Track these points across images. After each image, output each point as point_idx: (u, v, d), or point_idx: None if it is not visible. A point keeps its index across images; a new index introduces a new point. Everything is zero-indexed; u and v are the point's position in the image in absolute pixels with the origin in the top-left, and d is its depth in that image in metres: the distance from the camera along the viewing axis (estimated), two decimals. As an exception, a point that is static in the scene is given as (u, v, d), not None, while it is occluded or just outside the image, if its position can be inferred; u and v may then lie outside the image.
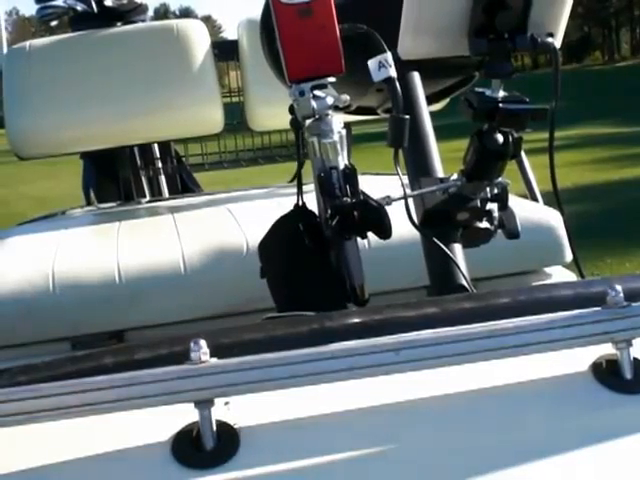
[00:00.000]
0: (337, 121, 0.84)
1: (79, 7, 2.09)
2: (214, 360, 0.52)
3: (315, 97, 0.82)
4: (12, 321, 1.28)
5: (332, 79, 0.83)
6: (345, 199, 0.81)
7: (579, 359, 0.58)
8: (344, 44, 0.86)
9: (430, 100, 1.02)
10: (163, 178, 2.43)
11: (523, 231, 0.91)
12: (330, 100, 0.83)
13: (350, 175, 0.83)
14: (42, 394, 0.51)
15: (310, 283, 0.82)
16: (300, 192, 0.92)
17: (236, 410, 0.54)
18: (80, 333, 1.32)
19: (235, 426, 0.53)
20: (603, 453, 0.51)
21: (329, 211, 0.81)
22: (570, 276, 1.44)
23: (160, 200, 2.13)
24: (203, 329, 0.57)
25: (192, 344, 0.52)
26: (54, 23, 2.16)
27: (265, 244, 0.91)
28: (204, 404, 0.51)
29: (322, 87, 0.82)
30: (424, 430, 0.53)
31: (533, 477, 0.49)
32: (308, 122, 0.84)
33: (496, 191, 0.89)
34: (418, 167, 0.96)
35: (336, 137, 0.83)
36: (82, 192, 2.50)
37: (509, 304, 0.63)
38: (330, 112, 0.83)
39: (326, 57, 0.81)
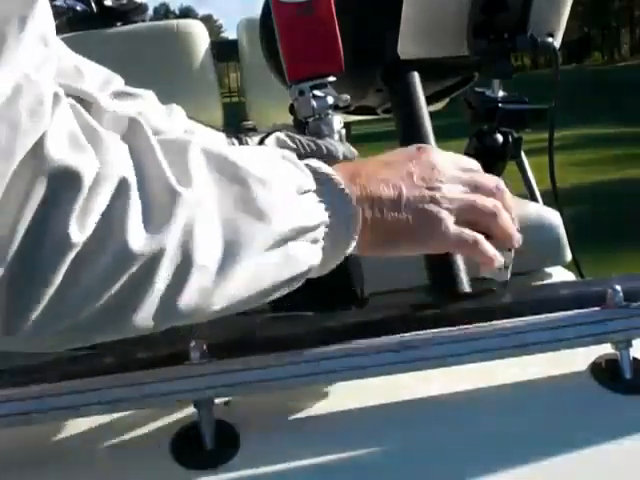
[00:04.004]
0: (337, 121, 0.84)
1: (79, 7, 2.09)
2: (214, 360, 0.52)
3: (315, 97, 0.82)
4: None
5: (332, 78, 0.83)
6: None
7: (579, 359, 0.58)
8: (344, 44, 0.85)
9: (430, 100, 1.02)
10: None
11: (523, 231, 0.90)
12: (330, 100, 0.83)
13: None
14: (42, 394, 0.51)
15: (316, 282, 0.81)
16: None
17: (236, 410, 0.54)
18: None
19: (235, 426, 0.53)
20: (603, 453, 0.51)
21: None
22: (570, 276, 1.44)
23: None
24: (203, 329, 0.56)
25: (192, 344, 0.52)
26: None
27: None
28: (204, 404, 0.51)
29: (322, 87, 0.82)
30: (424, 430, 0.53)
31: (533, 477, 0.49)
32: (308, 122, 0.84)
33: (496, 191, 0.88)
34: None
35: (336, 137, 0.83)
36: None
37: (509, 304, 0.63)
38: (330, 112, 0.83)
39: (326, 56, 0.81)
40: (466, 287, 0.90)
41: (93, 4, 2.09)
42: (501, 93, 0.84)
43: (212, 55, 1.90)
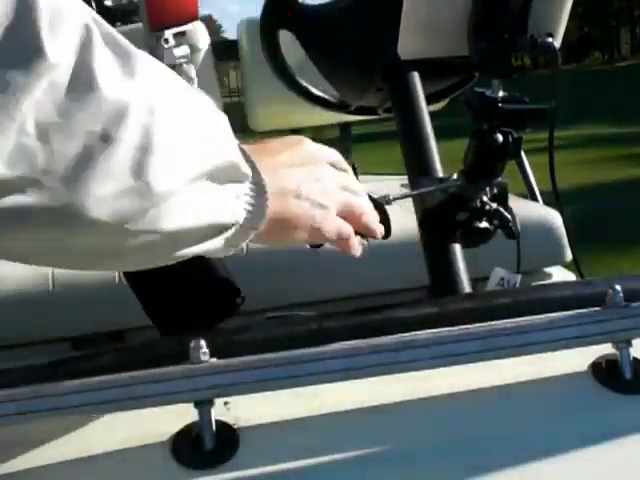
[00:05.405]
0: (193, 70, 0.85)
1: (79, 7, 2.09)
2: (214, 360, 0.52)
3: (175, 46, 0.83)
4: (12, 321, 1.28)
5: (189, 27, 0.84)
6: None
7: (579, 359, 0.58)
8: (344, 43, 0.86)
9: (430, 100, 1.02)
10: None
11: (523, 231, 0.91)
12: (187, 49, 0.84)
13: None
14: (42, 394, 0.51)
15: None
16: None
17: (236, 410, 0.54)
18: (80, 333, 1.32)
19: (235, 426, 0.53)
20: (603, 453, 0.51)
21: None
22: (570, 276, 1.44)
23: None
24: (203, 329, 0.57)
25: (192, 344, 0.52)
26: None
27: None
28: (204, 404, 0.51)
29: (181, 35, 0.84)
30: (424, 430, 0.53)
31: (532, 477, 0.49)
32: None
33: (496, 191, 0.89)
34: (418, 167, 0.96)
35: (195, 86, 0.83)
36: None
37: (509, 304, 0.63)
38: (186, 61, 0.84)
39: (184, 5, 0.83)
40: (466, 287, 0.90)
41: (93, 4, 2.09)
42: (501, 93, 0.84)
43: (212, 55, 1.90)
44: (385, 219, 0.82)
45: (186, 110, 0.45)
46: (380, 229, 0.65)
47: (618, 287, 0.57)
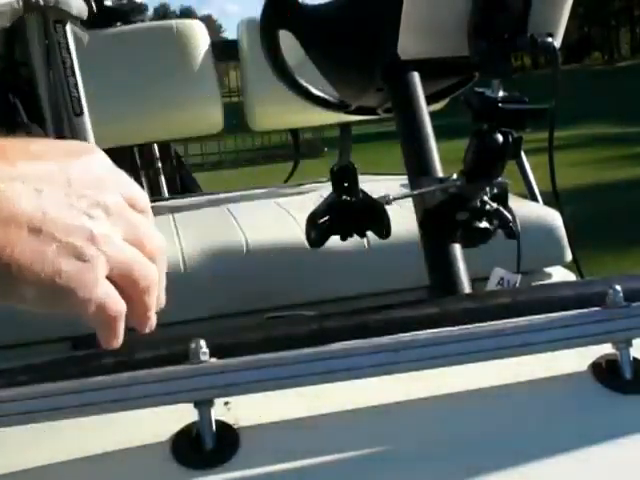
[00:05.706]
0: None
1: (79, 7, 2.09)
2: (214, 360, 0.52)
3: None
4: (12, 321, 1.28)
5: None
6: (345, 197, 0.81)
7: (579, 359, 0.58)
8: (343, 43, 0.86)
9: (430, 100, 1.02)
10: (163, 178, 2.44)
11: (523, 231, 0.91)
12: None
13: (350, 174, 0.83)
14: (42, 394, 0.51)
15: None
16: None
17: (236, 410, 0.54)
18: (80, 333, 1.32)
19: (235, 426, 0.53)
20: (602, 453, 0.51)
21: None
22: (570, 276, 1.44)
23: (160, 200, 2.13)
24: (203, 329, 0.56)
25: (192, 344, 0.52)
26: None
27: None
28: (204, 404, 0.51)
29: None
30: (424, 430, 0.53)
31: (532, 477, 0.49)
32: None
33: (496, 191, 0.89)
34: (417, 167, 0.96)
35: (79, 10, 0.80)
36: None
37: (509, 304, 0.63)
38: None
39: None
40: (466, 287, 0.90)
41: (93, 4, 2.09)
42: (501, 93, 0.84)
43: (212, 55, 1.90)
44: (385, 219, 0.83)
45: None
46: (151, 323, 0.43)
47: (618, 287, 0.57)
